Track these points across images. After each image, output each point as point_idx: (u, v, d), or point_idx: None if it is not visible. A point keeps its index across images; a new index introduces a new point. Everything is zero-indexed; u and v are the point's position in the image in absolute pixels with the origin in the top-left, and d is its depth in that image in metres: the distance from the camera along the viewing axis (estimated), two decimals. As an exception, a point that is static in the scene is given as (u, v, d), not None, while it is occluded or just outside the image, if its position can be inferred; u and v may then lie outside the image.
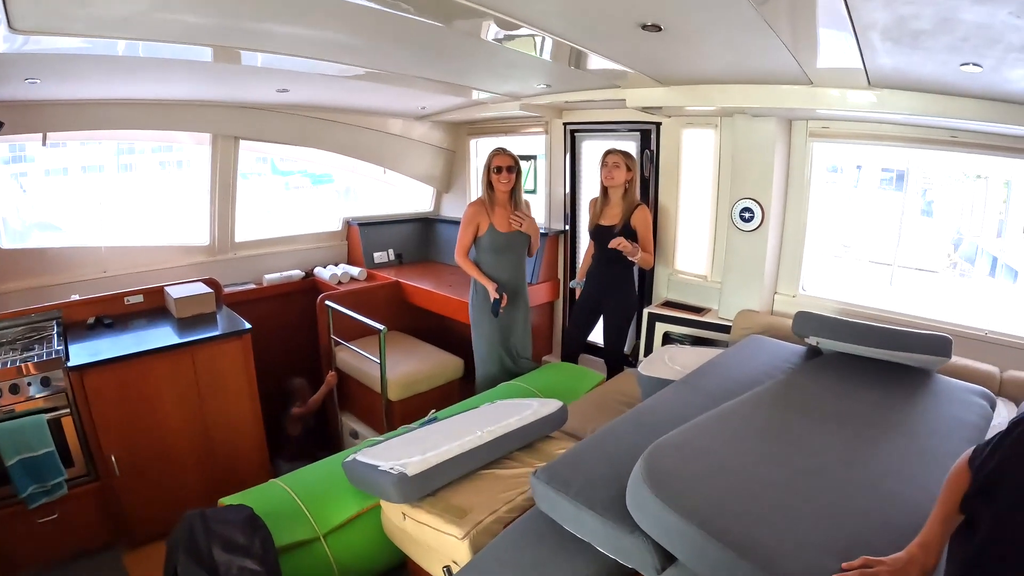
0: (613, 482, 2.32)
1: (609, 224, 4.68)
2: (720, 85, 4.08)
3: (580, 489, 2.35)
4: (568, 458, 2.61)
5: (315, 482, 3.28)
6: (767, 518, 1.91)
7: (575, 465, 2.53)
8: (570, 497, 2.34)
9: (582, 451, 2.66)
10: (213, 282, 4.83)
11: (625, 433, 2.77)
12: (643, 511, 2.06)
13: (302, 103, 5.40)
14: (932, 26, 2.25)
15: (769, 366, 3.48)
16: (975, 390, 3.08)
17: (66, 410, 3.62)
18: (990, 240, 4.88)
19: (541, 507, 2.51)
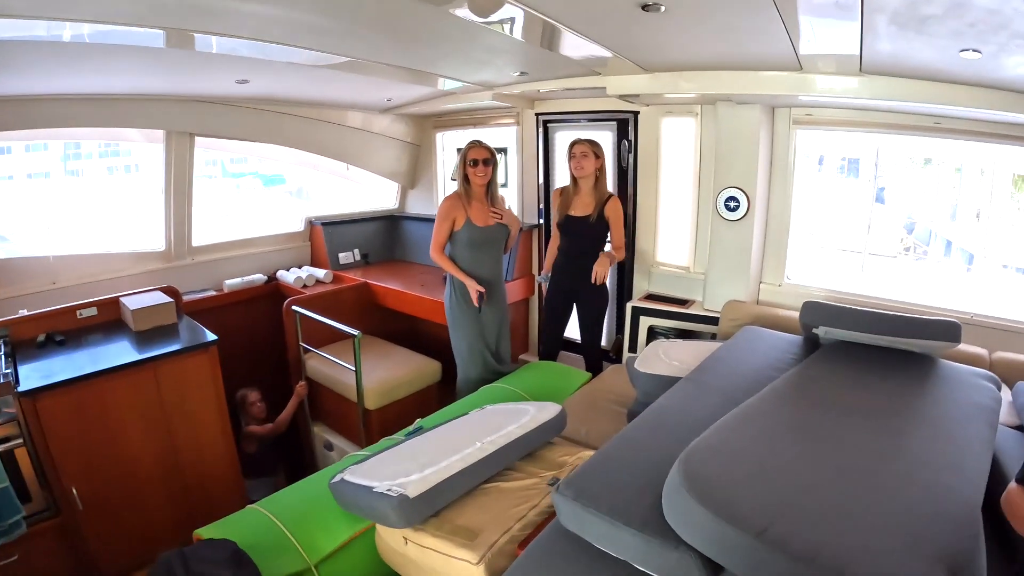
0: (646, 493, 2.13)
1: (582, 215, 4.57)
2: (707, 71, 4.00)
3: (612, 504, 2.13)
4: (591, 470, 2.39)
5: (298, 506, 3.01)
6: (822, 522, 1.79)
7: (601, 477, 2.32)
8: (602, 513, 2.11)
9: (605, 461, 2.45)
10: (172, 290, 4.49)
11: (646, 438, 2.60)
12: (688, 523, 1.88)
13: (262, 96, 5.12)
14: (943, 11, 2.25)
15: (771, 358, 3.37)
16: (981, 373, 3.01)
17: (19, 440, 3.25)
18: (943, 224, 5.06)
19: (567, 525, 2.27)
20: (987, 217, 4.48)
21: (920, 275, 4.91)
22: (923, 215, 5.13)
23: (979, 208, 4.58)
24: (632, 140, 5.05)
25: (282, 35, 3.20)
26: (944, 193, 4.93)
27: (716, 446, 2.19)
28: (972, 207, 4.70)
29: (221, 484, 4.03)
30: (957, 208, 4.98)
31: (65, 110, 4.38)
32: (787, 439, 2.32)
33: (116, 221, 5.64)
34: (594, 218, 4.52)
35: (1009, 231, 4.34)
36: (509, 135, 5.84)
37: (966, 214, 4.87)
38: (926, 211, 5.08)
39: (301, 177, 7.31)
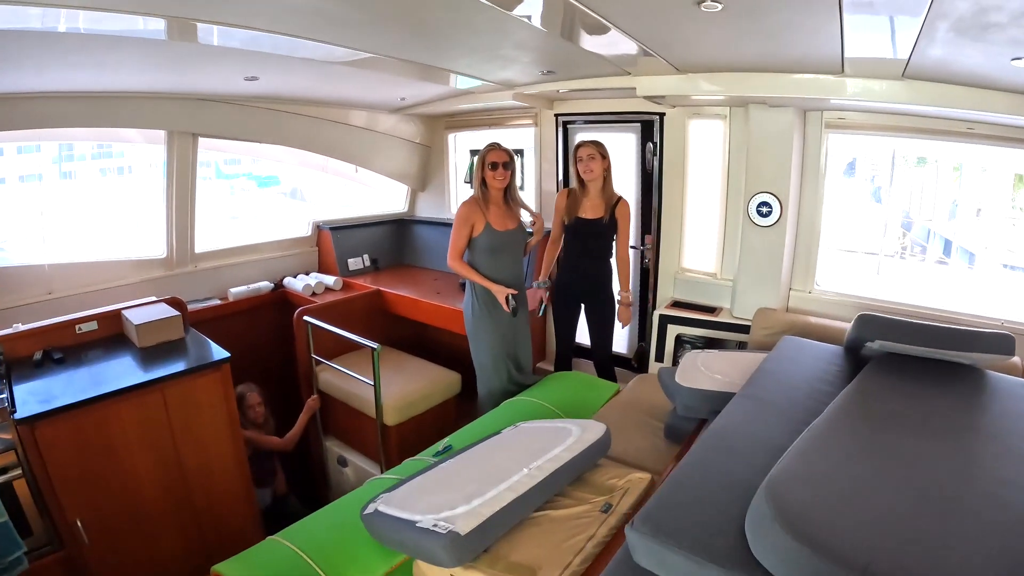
0: (728, 526, 1.96)
1: (593, 217, 4.46)
2: (742, 73, 3.86)
3: (696, 540, 1.94)
4: (666, 501, 2.18)
5: (326, 537, 2.78)
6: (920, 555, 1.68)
7: (677, 510, 2.12)
8: (684, 551, 1.92)
9: (678, 491, 2.24)
10: (178, 302, 4.22)
11: (716, 463, 2.40)
12: (782, 560, 1.72)
13: (270, 94, 4.89)
14: (1009, 19, 2.23)
15: (818, 371, 3.21)
16: None
17: (17, 471, 3.00)
18: (942, 223, 5.04)
19: (644, 563, 2.06)
20: (990, 216, 4.52)
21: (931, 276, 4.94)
22: (920, 214, 5.14)
23: (980, 207, 4.62)
24: (657, 143, 4.90)
25: (299, 27, 2.97)
26: (942, 192, 4.94)
27: (800, 474, 2.02)
28: (972, 205, 4.71)
29: (235, 512, 3.79)
30: (957, 207, 4.98)
31: (59, 109, 4.12)
32: (867, 463, 2.17)
33: (112, 226, 5.43)
34: (607, 220, 4.42)
35: (1011, 230, 4.35)
36: (526, 136, 5.66)
37: (966, 213, 4.87)
38: (924, 210, 5.09)
39: (296, 178, 7.16)
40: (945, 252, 5.29)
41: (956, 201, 5.02)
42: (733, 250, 4.68)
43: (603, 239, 4.48)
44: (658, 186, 4.97)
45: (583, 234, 4.49)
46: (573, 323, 4.80)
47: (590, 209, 4.45)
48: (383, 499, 2.72)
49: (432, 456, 3.36)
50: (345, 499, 3.12)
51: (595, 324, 4.68)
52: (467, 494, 2.55)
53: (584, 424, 3.16)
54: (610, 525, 2.61)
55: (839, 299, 4.38)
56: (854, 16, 2.56)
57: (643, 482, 2.90)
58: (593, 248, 4.51)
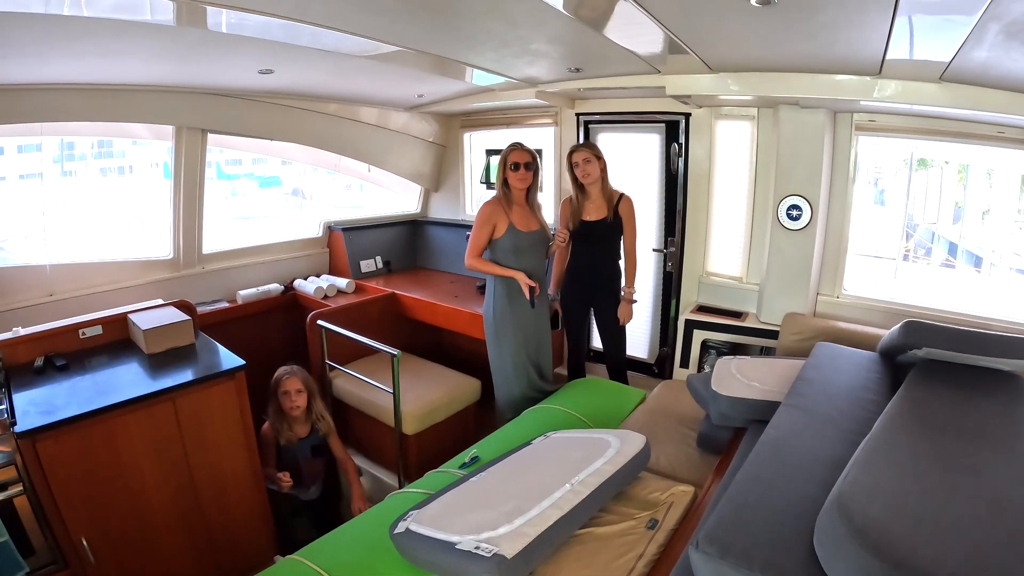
0: (798, 545, 1.87)
1: (598, 218, 4.39)
2: (777, 73, 3.80)
3: (767, 560, 1.84)
4: (729, 520, 2.05)
5: (350, 557, 2.62)
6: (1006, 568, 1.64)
7: (743, 528, 2.00)
8: (757, 572, 1.82)
9: (740, 508, 2.12)
10: (187, 305, 4.05)
11: (773, 478, 2.29)
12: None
13: (284, 89, 4.74)
14: None
15: (859, 378, 3.14)
16: None
17: (18, 487, 2.79)
18: (946, 226, 5.11)
19: None
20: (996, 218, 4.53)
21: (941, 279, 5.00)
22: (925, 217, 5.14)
23: (986, 209, 4.64)
24: (683, 144, 4.80)
25: (323, 15, 2.83)
26: (947, 194, 4.97)
27: (869, 487, 1.93)
28: (978, 208, 4.72)
29: (250, 531, 3.62)
30: (963, 210, 5.01)
31: (64, 101, 3.96)
32: (933, 474, 2.09)
33: (115, 226, 5.27)
34: (611, 218, 4.35)
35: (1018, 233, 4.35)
36: (546, 136, 5.54)
37: (972, 215, 4.88)
38: (928, 213, 5.09)
39: (298, 178, 7.06)
40: (951, 254, 5.29)
41: (961, 204, 5.04)
42: (759, 254, 4.61)
43: (610, 240, 4.42)
44: (683, 188, 4.88)
45: (590, 237, 4.41)
46: (584, 327, 4.74)
47: (593, 211, 4.38)
48: (414, 516, 2.56)
49: (458, 468, 3.22)
50: (368, 515, 2.97)
51: (607, 328, 4.60)
52: (507, 512, 2.41)
53: (622, 435, 3.03)
54: (658, 542, 2.51)
55: (868, 304, 4.30)
56: (906, 16, 2.51)
57: (687, 496, 2.80)
58: (601, 250, 4.44)
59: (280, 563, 2.65)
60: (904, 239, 4.81)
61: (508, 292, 4.17)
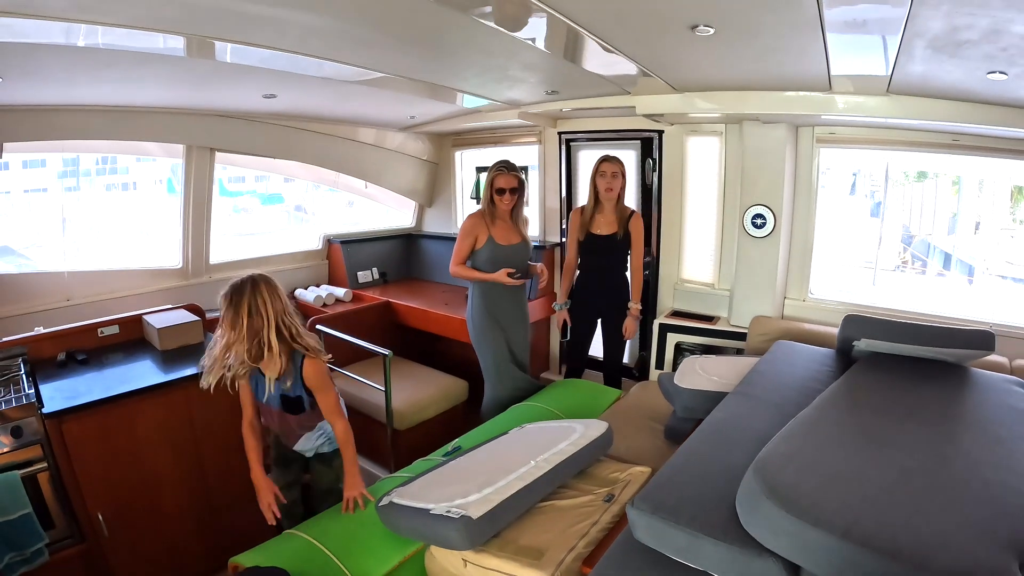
0: (721, 504, 2.13)
1: (607, 233, 4.58)
2: (736, 91, 4.01)
3: (692, 516, 2.11)
4: (664, 483, 2.34)
5: (341, 530, 2.91)
6: (900, 520, 1.83)
7: (675, 490, 2.28)
8: (682, 526, 2.09)
9: (676, 474, 2.40)
10: (196, 308, 4.39)
11: (710, 451, 2.57)
12: (771, 529, 1.88)
13: (285, 111, 5.04)
14: (980, 36, 2.36)
15: (811, 371, 3.39)
16: (1012, 379, 3.10)
17: (43, 464, 3.09)
18: (941, 237, 5.16)
19: (643, 539, 2.22)
20: (987, 228, 4.60)
21: (929, 288, 5.07)
22: (921, 228, 5.22)
23: (979, 219, 4.71)
24: (656, 159, 5.05)
25: (321, 48, 3.13)
26: (942, 206, 5.07)
27: (788, 453, 2.19)
28: (971, 219, 4.81)
29: (253, 510, 3.85)
30: (957, 220, 5.09)
31: (83, 121, 4.27)
32: (852, 445, 2.34)
33: (123, 238, 5.51)
34: (620, 235, 4.53)
35: (1009, 242, 4.46)
36: (531, 153, 5.80)
37: (965, 226, 4.96)
38: (923, 224, 5.18)
39: (299, 195, 7.22)
40: (945, 265, 5.40)
41: (956, 214, 5.15)
42: (729, 261, 4.82)
43: (617, 253, 4.61)
44: (658, 200, 5.12)
45: (598, 250, 4.61)
46: (589, 337, 4.89)
47: (604, 225, 4.57)
48: (397, 492, 2.85)
49: (442, 456, 3.48)
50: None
51: (610, 337, 4.80)
52: (478, 484, 2.70)
53: (587, 423, 3.31)
54: (612, 512, 2.77)
55: (832, 306, 4.51)
56: (836, 36, 2.70)
57: (643, 475, 3.04)
58: (609, 263, 4.63)
59: (278, 536, 2.94)
60: (902, 251, 5.02)
61: (485, 299, 4.38)
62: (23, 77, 3.36)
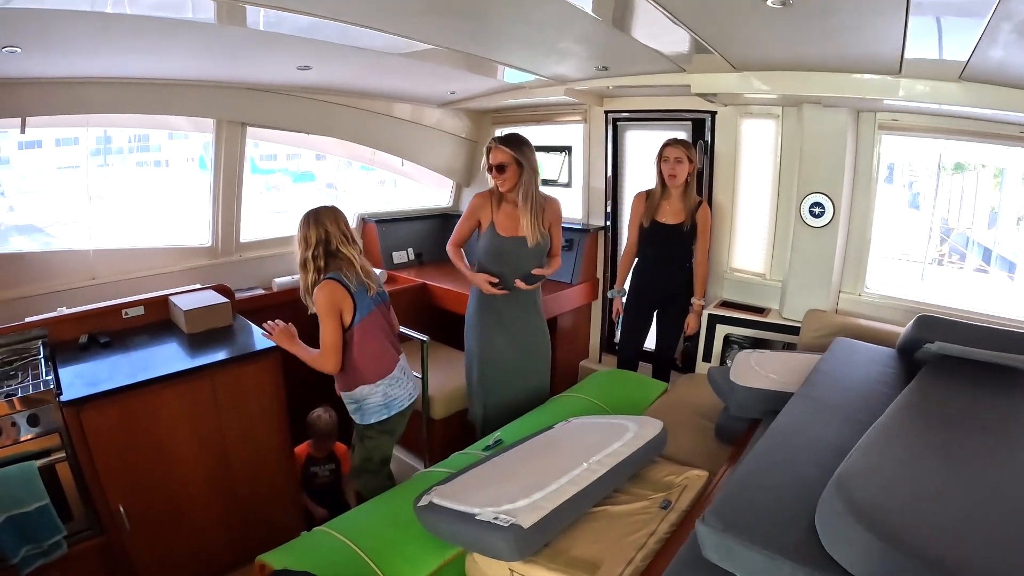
0: (798, 522, 1.93)
1: (674, 222, 4.40)
2: (799, 72, 3.80)
3: (768, 535, 1.91)
4: (734, 497, 2.13)
5: (375, 529, 2.73)
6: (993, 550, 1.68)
7: (747, 505, 2.07)
8: (757, 546, 1.88)
9: (746, 488, 2.19)
10: (225, 289, 4.20)
11: (781, 461, 2.36)
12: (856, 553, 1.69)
13: (321, 85, 4.83)
14: None
15: (874, 373, 3.17)
16: None
17: (61, 454, 2.94)
18: (981, 231, 5.02)
19: (712, 558, 2.00)
20: None
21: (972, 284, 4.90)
22: (959, 221, 5.08)
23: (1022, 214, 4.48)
24: (708, 141, 4.84)
25: (359, 15, 2.92)
26: (982, 199, 4.90)
27: (869, 469, 2.00)
28: (1014, 213, 4.60)
29: (279, 504, 3.74)
30: (998, 214, 4.92)
31: (109, 94, 4.08)
32: (933, 461, 2.15)
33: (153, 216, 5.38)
34: (688, 226, 4.35)
35: None
36: (575, 133, 5.58)
37: (1007, 220, 4.75)
38: (963, 217, 5.04)
39: (331, 174, 7.13)
40: (984, 260, 5.22)
41: (996, 208, 4.97)
42: (783, 251, 4.62)
43: (682, 245, 4.42)
44: (708, 185, 4.92)
45: (661, 240, 4.41)
46: (644, 330, 4.73)
47: (670, 214, 4.38)
48: (437, 491, 2.67)
49: (482, 450, 3.31)
50: (393, 491, 3.09)
51: (665, 330, 4.65)
52: (526, 487, 2.50)
53: (640, 420, 3.12)
54: (670, 521, 2.57)
55: (890, 303, 4.30)
56: (919, 18, 2.52)
57: (701, 479, 2.85)
58: (671, 255, 4.44)
59: (308, 533, 2.78)
60: (938, 243, 4.79)
61: (480, 297, 4.00)
62: (42, 48, 3.18)
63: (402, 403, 3.50)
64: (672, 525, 2.56)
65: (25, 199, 4.98)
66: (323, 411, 4.23)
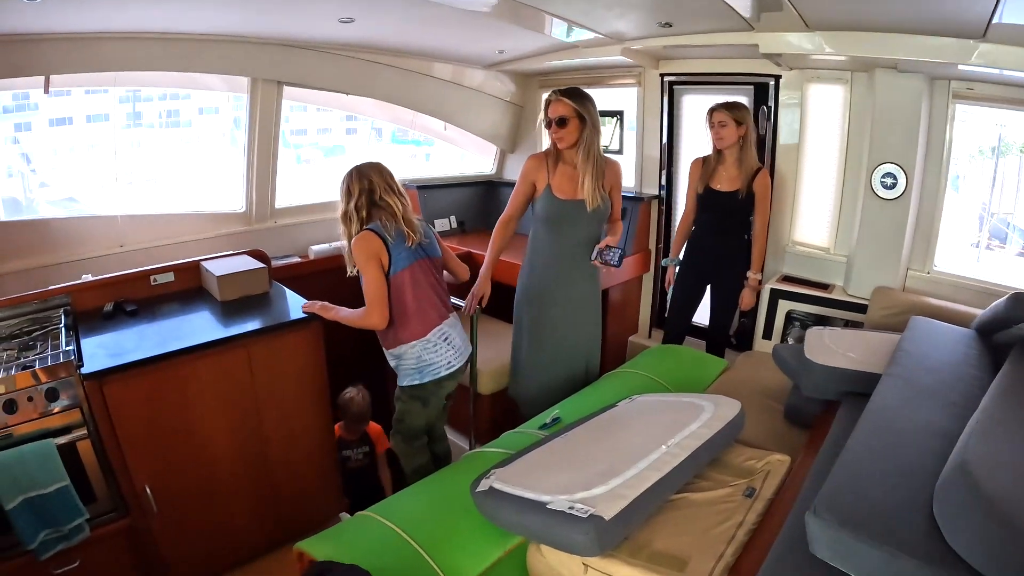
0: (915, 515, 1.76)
1: (728, 190, 4.12)
2: (878, 33, 3.57)
3: (887, 530, 1.72)
4: (845, 487, 1.91)
5: (425, 515, 2.52)
6: None
7: (859, 496, 1.86)
8: (879, 543, 1.68)
9: (854, 477, 1.98)
10: (261, 255, 3.95)
11: (885, 447, 2.15)
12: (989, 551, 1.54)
13: (362, 41, 4.59)
14: None
15: (958, 354, 2.98)
16: None
17: (82, 431, 2.74)
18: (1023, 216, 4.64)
19: (823, 554, 1.80)
20: None
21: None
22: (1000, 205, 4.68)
23: None
24: (772, 107, 4.58)
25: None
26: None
27: (993, 457, 1.82)
28: None
29: (316, 488, 3.53)
30: None
31: (134, 51, 3.87)
32: None
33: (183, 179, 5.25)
34: (743, 194, 4.09)
35: None
36: (628, 97, 5.32)
37: None
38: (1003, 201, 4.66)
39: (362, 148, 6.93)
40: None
41: None
42: (849, 224, 4.40)
43: (738, 215, 4.18)
44: (771, 153, 4.67)
45: (715, 208, 4.19)
46: (694, 303, 4.50)
47: (726, 180, 4.14)
48: (497, 475, 2.45)
49: (538, 429, 3.10)
50: (442, 473, 2.90)
51: (719, 304, 4.42)
52: (601, 472, 2.29)
53: (715, 399, 2.90)
54: (757, 511, 2.36)
55: (960, 282, 4.09)
56: None
57: (783, 465, 2.65)
58: (725, 224, 4.21)
59: (351, 519, 2.57)
60: (979, 228, 4.55)
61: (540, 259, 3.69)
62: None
63: (437, 371, 3.26)
64: (759, 515, 2.35)
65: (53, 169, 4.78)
66: (355, 391, 4.03)
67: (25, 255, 3.84)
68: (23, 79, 3.80)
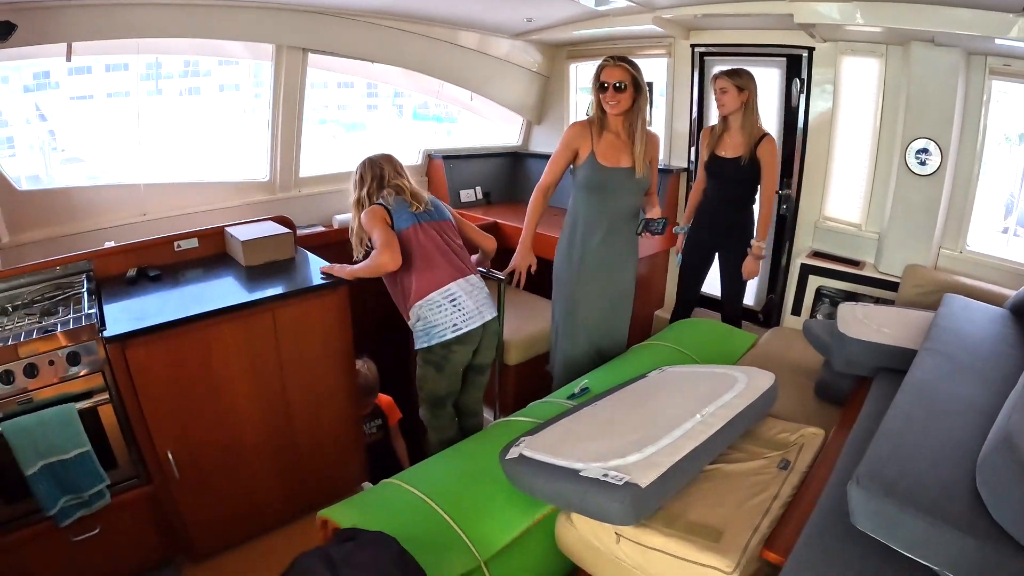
0: (958, 487, 1.74)
1: (732, 156, 4.08)
2: (916, 5, 3.50)
3: (933, 502, 1.68)
4: (888, 457, 1.87)
5: (451, 483, 2.50)
6: None
7: (904, 467, 1.82)
8: (923, 514, 1.65)
9: (899, 447, 1.94)
10: (286, 220, 3.90)
11: (926, 419, 2.11)
12: None
13: (387, 8, 4.54)
14: None
15: (993, 331, 2.98)
16: None
17: (104, 396, 2.70)
18: None
19: (865, 526, 1.76)
20: None
21: None
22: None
23: None
24: (805, 80, 4.50)
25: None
26: None
27: None
28: None
29: (339, 455, 3.50)
30: None
31: (158, 17, 3.83)
32: None
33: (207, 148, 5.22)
34: (746, 160, 4.01)
35: None
36: (658, 68, 5.24)
37: None
38: None
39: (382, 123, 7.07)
40: None
41: None
42: (881, 201, 4.34)
43: (743, 183, 4.10)
44: (804, 127, 4.59)
45: (720, 175, 4.14)
46: (702, 273, 4.45)
47: (730, 147, 4.08)
48: (527, 443, 2.41)
49: (566, 399, 3.07)
50: (469, 441, 2.86)
51: (729, 275, 4.33)
52: (635, 441, 2.24)
53: (748, 371, 2.85)
54: (792, 484, 2.31)
55: (993, 262, 4.04)
56: None
57: (818, 438, 2.61)
58: (731, 192, 4.14)
59: (376, 487, 2.54)
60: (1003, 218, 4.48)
61: (574, 238, 3.68)
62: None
63: (443, 334, 3.22)
64: (794, 488, 2.30)
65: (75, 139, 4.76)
66: (361, 363, 3.97)
67: (47, 224, 3.83)
68: (44, 59, 3.82)
